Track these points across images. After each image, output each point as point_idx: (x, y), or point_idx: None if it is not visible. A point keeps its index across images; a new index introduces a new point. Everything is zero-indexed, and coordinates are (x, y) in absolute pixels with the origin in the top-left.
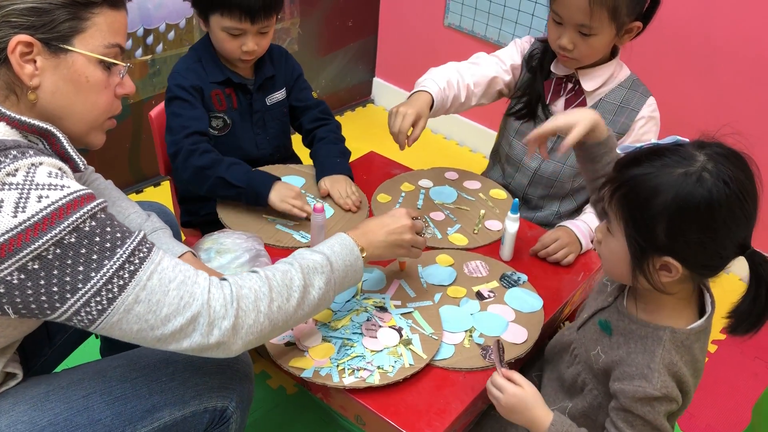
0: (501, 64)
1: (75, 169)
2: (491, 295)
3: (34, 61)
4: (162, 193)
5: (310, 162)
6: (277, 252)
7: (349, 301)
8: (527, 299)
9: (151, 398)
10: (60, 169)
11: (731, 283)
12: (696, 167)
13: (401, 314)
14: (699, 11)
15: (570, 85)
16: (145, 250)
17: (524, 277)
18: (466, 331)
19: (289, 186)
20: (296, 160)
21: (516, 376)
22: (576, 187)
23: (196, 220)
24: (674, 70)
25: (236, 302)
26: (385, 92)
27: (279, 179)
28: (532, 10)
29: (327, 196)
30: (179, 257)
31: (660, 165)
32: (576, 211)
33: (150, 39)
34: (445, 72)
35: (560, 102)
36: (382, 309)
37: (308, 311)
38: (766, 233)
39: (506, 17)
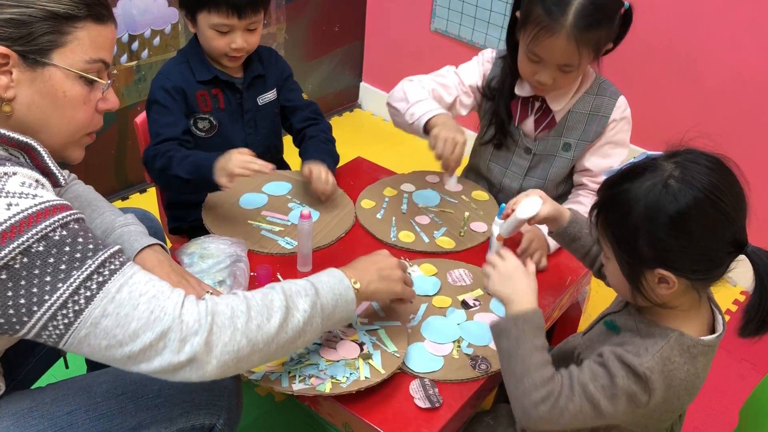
0: (461, 87)
1: (55, 184)
2: (477, 303)
3: (10, 73)
4: (148, 200)
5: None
6: (262, 258)
7: None
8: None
9: (137, 415)
10: (37, 180)
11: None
12: (663, 176)
13: (366, 331)
14: (681, 18)
15: (537, 104)
16: (117, 263)
17: None
18: (453, 341)
19: (229, 155)
20: (285, 167)
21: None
22: (560, 193)
23: (183, 225)
24: (656, 77)
25: (210, 317)
26: (372, 97)
27: (220, 155)
28: None
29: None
30: (147, 247)
31: (632, 181)
32: None
33: (135, 45)
34: (425, 93)
35: (529, 122)
36: (349, 325)
37: (293, 336)
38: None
39: (492, 22)
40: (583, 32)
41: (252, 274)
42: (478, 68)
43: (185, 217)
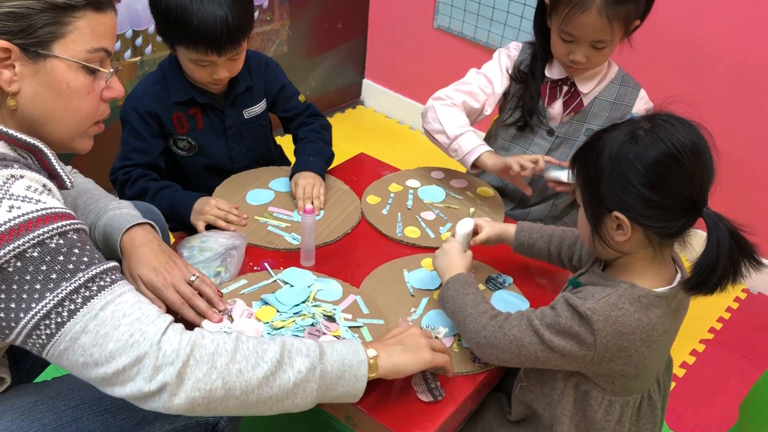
0: (487, 87)
1: (61, 186)
2: None
3: (13, 67)
4: None
5: None
6: (268, 254)
7: (297, 305)
8: (514, 301)
9: (142, 411)
10: (44, 185)
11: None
12: (634, 128)
13: (349, 327)
14: (686, 14)
15: (566, 88)
16: (108, 279)
17: (510, 280)
18: (454, 335)
19: (208, 201)
20: (285, 162)
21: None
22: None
23: (181, 226)
24: (660, 72)
25: (190, 348)
26: (374, 93)
27: (201, 196)
28: (521, 12)
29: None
30: (137, 225)
31: (609, 131)
32: (573, 203)
33: (139, 40)
34: (460, 117)
35: (558, 104)
36: (331, 319)
37: (279, 394)
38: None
39: (495, 19)
40: (613, 6)
41: (256, 268)
42: (503, 62)
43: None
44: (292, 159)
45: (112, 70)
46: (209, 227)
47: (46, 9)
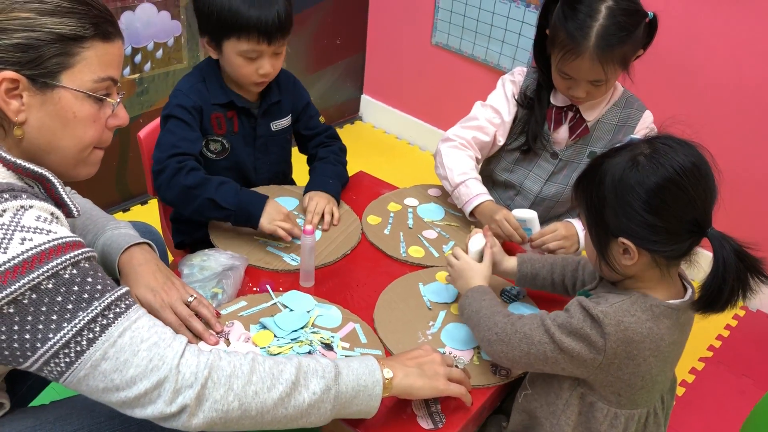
0: (494, 118)
1: (68, 214)
2: None
3: (21, 97)
4: (149, 212)
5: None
6: (267, 274)
7: (296, 330)
8: (528, 312)
9: None
10: (52, 214)
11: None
12: (634, 153)
13: (346, 356)
14: (684, 38)
15: (571, 114)
16: (123, 306)
17: (523, 291)
18: (474, 348)
19: (279, 207)
20: (291, 183)
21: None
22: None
23: (188, 240)
24: (659, 94)
25: (208, 370)
26: (373, 109)
27: (270, 199)
28: (519, 29)
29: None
30: (135, 245)
31: (609, 157)
32: None
33: (138, 57)
34: (464, 162)
35: (563, 129)
36: (328, 347)
37: (294, 414)
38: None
39: (493, 36)
40: (606, 52)
41: (256, 289)
42: (507, 89)
43: (191, 232)
44: (299, 180)
45: (119, 99)
46: (212, 241)
47: (54, 41)
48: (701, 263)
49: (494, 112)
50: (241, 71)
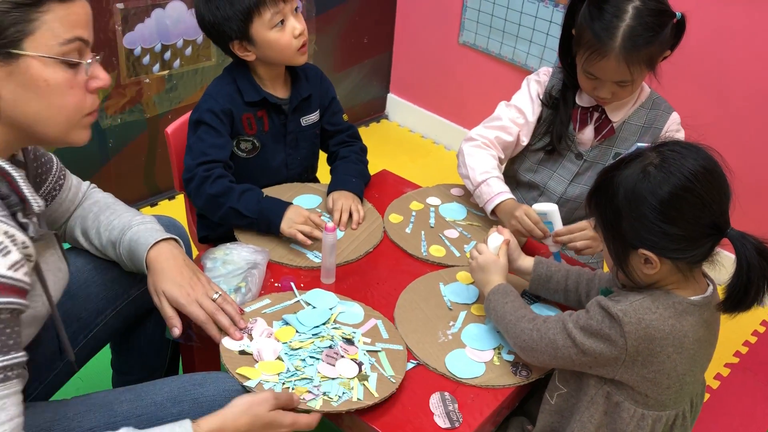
0: (518, 118)
1: (29, 210)
2: None
3: None
4: (177, 207)
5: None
6: (289, 270)
7: (318, 326)
8: (549, 313)
9: None
10: (6, 233)
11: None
12: (644, 164)
13: (367, 351)
14: (714, 39)
15: (597, 114)
16: (11, 374)
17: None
18: (494, 348)
19: (300, 211)
20: (316, 182)
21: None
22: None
23: (212, 235)
24: (686, 93)
25: None
26: (399, 108)
27: (291, 204)
28: (547, 29)
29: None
30: (162, 241)
31: (620, 168)
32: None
33: (167, 54)
34: (486, 161)
35: (588, 130)
36: (349, 342)
37: None
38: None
39: (521, 36)
40: (632, 52)
41: (277, 285)
42: (532, 89)
43: (215, 227)
44: (321, 177)
45: (89, 60)
46: (237, 237)
47: (9, 9)
48: (723, 263)
49: (518, 112)
50: (281, 44)
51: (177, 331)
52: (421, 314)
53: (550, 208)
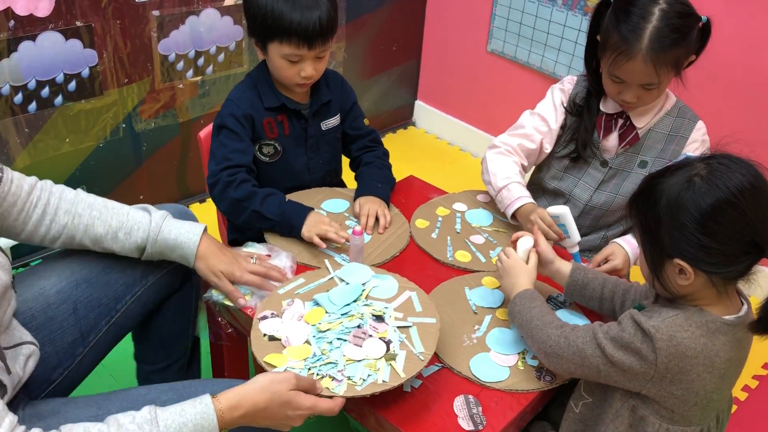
0: (542, 126)
1: None
2: None
3: None
4: (207, 211)
5: (355, 185)
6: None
7: (348, 304)
8: (574, 320)
9: None
10: None
11: None
12: (690, 174)
13: (397, 327)
14: (742, 47)
15: (621, 121)
16: None
17: (569, 301)
18: (518, 353)
19: (320, 217)
20: (342, 186)
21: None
22: (625, 213)
23: (241, 239)
24: (712, 105)
25: None
26: (426, 115)
27: (312, 210)
28: (576, 38)
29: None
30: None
31: (665, 176)
32: (624, 233)
33: (201, 61)
34: (508, 167)
35: (613, 137)
36: (380, 319)
37: None
38: None
39: (549, 44)
40: (659, 54)
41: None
42: (556, 98)
43: (245, 230)
44: (347, 180)
45: None
46: (267, 240)
47: None
48: (759, 282)
49: (541, 120)
50: (284, 73)
51: (243, 301)
52: (447, 318)
53: (562, 211)
